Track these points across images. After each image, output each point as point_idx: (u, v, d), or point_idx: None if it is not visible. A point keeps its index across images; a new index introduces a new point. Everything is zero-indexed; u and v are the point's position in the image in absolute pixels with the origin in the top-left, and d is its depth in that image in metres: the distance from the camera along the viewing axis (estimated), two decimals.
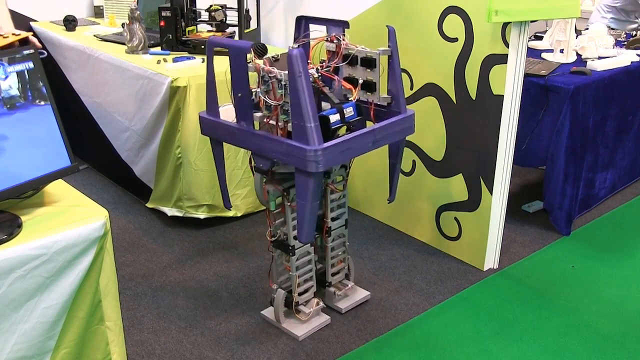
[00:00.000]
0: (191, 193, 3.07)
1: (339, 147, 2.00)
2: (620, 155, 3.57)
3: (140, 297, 2.67)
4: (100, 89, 3.41)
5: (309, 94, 1.93)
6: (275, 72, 2.06)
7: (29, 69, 1.60)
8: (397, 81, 2.22)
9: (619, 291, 2.79)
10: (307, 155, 1.93)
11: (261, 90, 2.12)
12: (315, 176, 1.98)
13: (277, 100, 2.09)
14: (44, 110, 1.63)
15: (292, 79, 1.92)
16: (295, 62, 1.90)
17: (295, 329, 2.43)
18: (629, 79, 3.40)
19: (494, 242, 2.89)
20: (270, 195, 2.28)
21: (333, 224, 2.46)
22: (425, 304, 2.66)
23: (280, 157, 2.06)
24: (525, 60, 2.75)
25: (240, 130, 2.16)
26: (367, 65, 2.22)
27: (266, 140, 2.09)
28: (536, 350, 2.40)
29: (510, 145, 2.76)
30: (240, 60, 2.08)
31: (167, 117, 2.97)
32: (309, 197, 2.01)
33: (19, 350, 1.54)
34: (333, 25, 2.32)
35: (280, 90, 2.06)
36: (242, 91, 2.11)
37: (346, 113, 2.13)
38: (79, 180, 3.66)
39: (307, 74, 1.93)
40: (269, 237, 2.39)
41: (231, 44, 2.11)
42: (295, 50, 1.90)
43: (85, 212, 1.65)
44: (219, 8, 3.29)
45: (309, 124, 1.92)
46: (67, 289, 1.59)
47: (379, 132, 2.13)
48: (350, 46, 2.25)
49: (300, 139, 1.96)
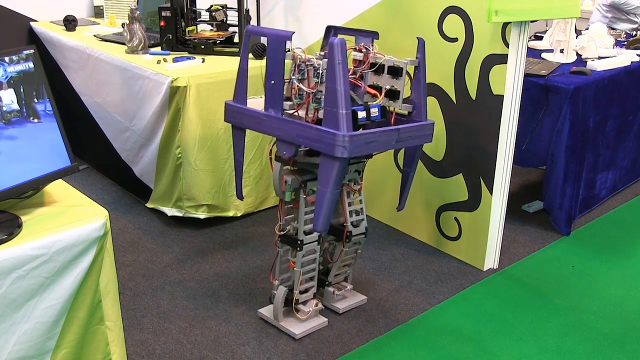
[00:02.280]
0: (191, 193, 3.07)
1: (365, 137, 2.05)
2: (621, 155, 3.57)
3: (140, 297, 2.67)
4: (101, 89, 3.41)
5: (345, 82, 1.98)
6: (314, 60, 2.16)
7: (29, 69, 1.60)
8: (421, 91, 2.27)
9: (619, 291, 2.79)
10: (336, 139, 1.98)
11: (296, 78, 2.20)
12: (341, 162, 2.02)
13: (312, 88, 2.17)
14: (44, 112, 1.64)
15: (331, 66, 1.98)
16: (336, 50, 1.96)
17: (293, 327, 2.43)
18: (629, 79, 3.41)
19: (494, 242, 2.89)
20: (288, 185, 2.30)
21: (354, 230, 2.45)
22: (425, 304, 2.66)
23: (308, 143, 2.09)
24: (525, 60, 2.76)
25: (268, 117, 2.21)
26: (393, 74, 2.27)
27: (295, 125, 2.13)
28: (536, 350, 2.40)
29: (510, 145, 2.76)
30: (279, 48, 2.14)
31: (167, 117, 2.97)
32: (332, 183, 2.04)
33: (19, 350, 1.54)
34: (362, 35, 2.39)
35: (315, 78, 2.16)
36: (275, 78, 2.16)
37: (372, 112, 2.19)
38: (79, 180, 3.66)
39: (346, 62, 1.98)
40: (278, 231, 2.39)
41: (271, 32, 2.19)
42: (337, 39, 1.96)
43: (85, 212, 1.65)
44: (219, 8, 3.29)
45: (342, 110, 1.98)
46: (67, 289, 1.59)
47: (403, 132, 2.19)
48: (378, 55, 2.31)
49: (330, 124, 2.01)
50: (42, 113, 1.64)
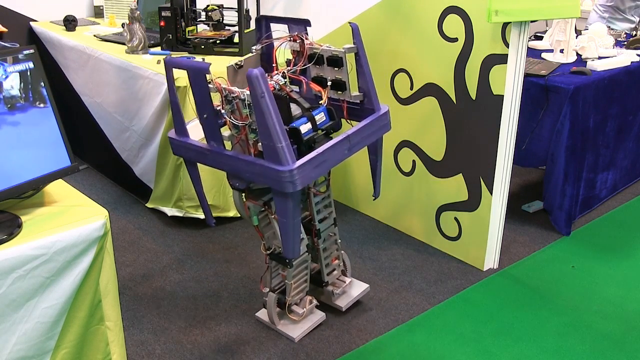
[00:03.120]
0: (191, 193, 3.07)
1: (313, 162, 1.93)
2: (621, 155, 3.57)
3: (140, 297, 2.67)
4: (101, 89, 3.41)
5: (275, 113, 1.85)
6: (237, 92, 1.97)
7: (29, 69, 1.60)
8: (366, 78, 2.15)
9: (619, 291, 2.79)
10: (282, 176, 1.87)
11: (226, 111, 2.04)
12: (293, 195, 1.93)
13: (244, 120, 2.01)
14: (44, 111, 1.64)
15: (255, 100, 1.85)
16: (256, 83, 1.82)
17: (290, 331, 2.42)
18: (629, 79, 3.40)
19: (494, 242, 2.89)
20: (252, 211, 2.23)
21: (321, 225, 2.40)
22: (425, 304, 2.66)
23: (255, 178, 1.99)
24: (525, 60, 2.75)
25: (211, 152, 2.08)
26: (335, 64, 2.16)
27: (238, 161, 2.01)
28: (536, 350, 2.40)
29: (510, 145, 2.76)
30: (201, 81, 1.98)
31: (167, 117, 2.97)
32: (290, 215, 1.96)
33: (19, 350, 1.54)
34: (294, 24, 2.24)
35: (246, 109, 1.98)
36: (206, 112, 2.02)
37: (317, 119, 2.06)
38: (79, 180, 3.66)
39: (270, 93, 1.85)
40: (264, 251, 2.34)
41: (189, 65, 2.02)
42: (255, 71, 1.82)
43: (85, 212, 1.65)
44: (215, 8, 3.29)
45: (279, 144, 1.85)
46: (67, 289, 1.59)
47: (354, 137, 2.07)
48: (315, 45, 2.18)
49: (272, 159, 1.89)
50: (42, 113, 1.64)
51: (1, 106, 1.54)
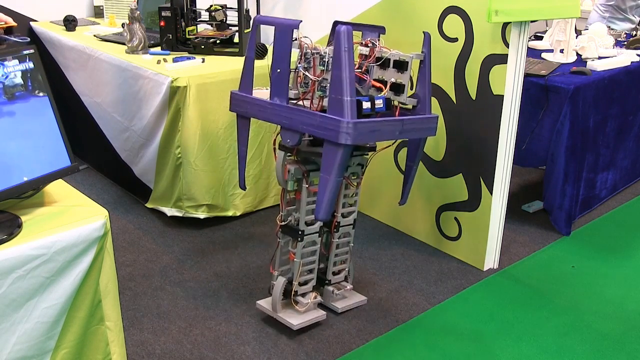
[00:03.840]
0: (191, 193, 3.07)
1: (369, 125, 2.06)
2: (621, 155, 3.57)
3: (140, 297, 2.67)
4: (100, 89, 3.41)
5: (351, 70, 1.98)
6: (319, 48, 2.17)
7: (29, 69, 1.60)
8: (426, 85, 2.28)
9: (619, 291, 2.79)
10: (340, 126, 1.98)
11: (302, 66, 2.22)
12: (344, 149, 2.02)
13: (317, 76, 2.20)
14: (43, 111, 1.64)
15: (337, 53, 1.98)
16: (342, 37, 1.96)
17: (290, 318, 2.43)
18: (629, 79, 3.41)
19: (494, 242, 2.89)
20: (291, 174, 2.31)
21: (342, 221, 2.47)
22: (425, 304, 2.66)
23: (312, 130, 2.10)
24: (525, 60, 2.76)
25: (272, 105, 2.22)
26: (399, 68, 2.28)
27: (299, 113, 2.14)
28: (536, 350, 2.40)
29: (510, 145, 2.76)
30: (286, 36, 2.15)
31: (167, 117, 2.97)
32: (335, 170, 2.04)
33: (19, 350, 1.54)
34: (369, 30, 2.40)
35: (322, 66, 2.17)
36: (281, 67, 2.16)
37: (376, 104, 2.19)
38: (79, 180, 3.66)
39: (352, 50, 1.99)
40: (279, 221, 2.40)
41: (278, 21, 2.20)
42: (343, 27, 1.96)
43: (85, 212, 1.65)
44: (219, 8, 3.29)
45: (346, 97, 1.98)
46: (67, 289, 1.59)
47: (407, 123, 2.19)
48: (384, 49, 2.30)
49: (335, 111, 2.01)
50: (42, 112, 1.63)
51: (1, 104, 1.54)
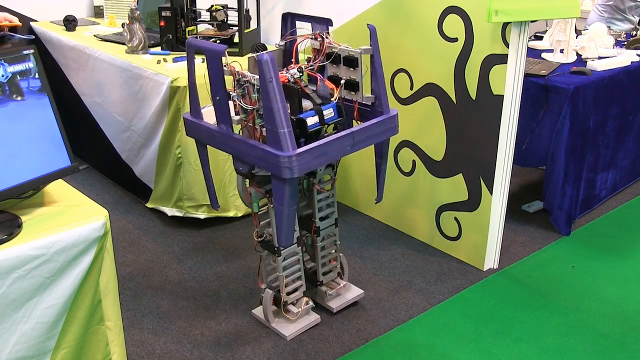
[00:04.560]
0: (191, 193, 3.07)
1: (313, 152, 1.98)
2: (621, 155, 3.57)
3: (140, 297, 2.67)
4: (101, 89, 3.41)
5: (281, 99, 1.91)
6: (249, 76, 2.05)
7: (29, 69, 1.60)
8: (379, 81, 2.19)
9: (619, 291, 2.79)
10: (280, 161, 1.92)
11: (237, 94, 2.11)
12: (290, 182, 1.97)
13: (252, 104, 2.08)
14: (44, 111, 1.64)
15: (263, 84, 1.91)
16: (265, 68, 1.88)
17: (283, 329, 2.43)
18: (629, 79, 3.40)
19: (494, 242, 2.89)
20: (253, 197, 2.29)
21: (322, 224, 2.44)
22: (425, 304, 2.66)
23: (256, 162, 2.05)
24: (525, 60, 2.75)
25: (219, 134, 2.15)
26: (350, 65, 2.20)
27: (243, 144, 2.08)
28: (536, 350, 2.40)
29: (510, 145, 2.76)
30: (216, 63, 2.05)
31: (167, 117, 2.97)
32: (285, 202, 2.00)
33: (19, 350, 1.54)
34: (317, 22, 2.30)
35: (255, 94, 2.05)
36: (219, 94, 2.09)
37: (326, 114, 2.10)
38: (79, 180, 3.66)
39: (278, 79, 1.91)
40: (256, 238, 2.39)
41: (207, 46, 2.09)
42: (265, 56, 1.88)
43: (85, 212, 1.65)
44: (220, 8, 3.29)
45: (281, 130, 1.91)
46: (67, 289, 1.59)
47: (358, 134, 2.10)
48: (334, 44, 2.23)
49: (274, 144, 1.95)
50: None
51: (1, 106, 1.54)
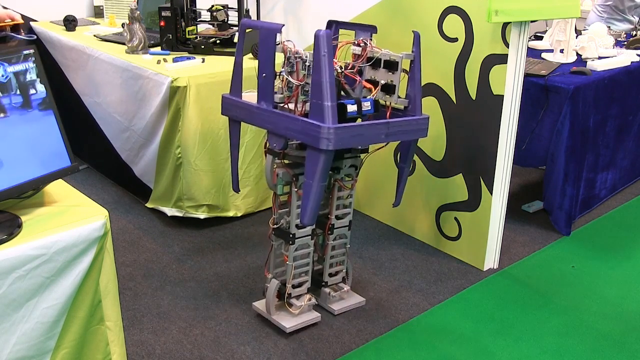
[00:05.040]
0: (191, 193, 3.07)
1: (351, 130, 2.05)
2: (621, 155, 3.57)
3: (140, 297, 2.67)
4: (100, 89, 3.41)
5: (330, 74, 1.98)
6: (301, 52, 2.17)
7: (29, 69, 1.60)
8: (416, 86, 2.26)
9: (619, 291, 2.79)
10: (320, 132, 1.98)
11: (285, 70, 2.21)
12: (326, 154, 2.01)
13: (300, 80, 2.19)
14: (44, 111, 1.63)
15: (316, 57, 1.98)
16: (321, 42, 1.97)
17: (284, 321, 2.43)
18: (629, 79, 3.41)
19: (494, 242, 2.89)
20: (279, 178, 2.31)
21: (337, 223, 2.47)
22: (425, 304, 2.66)
23: (295, 135, 2.11)
24: (525, 60, 2.76)
25: (259, 109, 2.23)
26: (389, 68, 2.27)
27: (283, 118, 2.15)
28: (536, 350, 2.40)
29: (510, 145, 2.76)
30: (270, 40, 2.15)
31: (167, 117, 2.97)
32: (318, 175, 2.04)
33: (19, 350, 1.54)
34: (361, 30, 2.39)
35: (304, 71, 2.17)
36: (266, 71, 2.17)
37: (364, 106, 2.18)
38: (79, 180, 3.66)
39: (331, 55, 1.99)
40: (272, 224, 2.41)
41: (262, 25, 2.20)
42: (322, 31, 1.97)
43: (85, 212, 1.65)
44: (220, 8, 3.29)
45: (326, 102, 1.98)
46: (67, 289, 1.59)
47: (393, 126, 2.18)
48: (375, 49, 2.30)
49: (316, 116, 2.02)
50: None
51: (1, 106, 1.54)
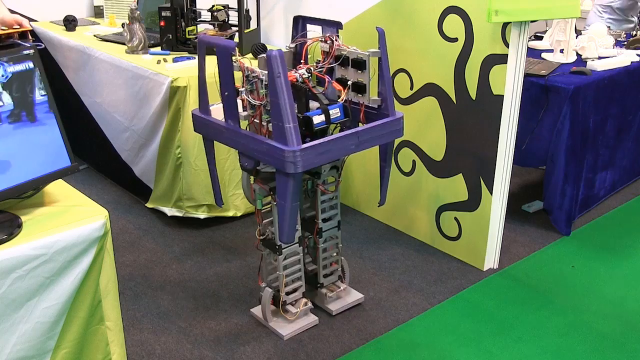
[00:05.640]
0: (191, 193, 3.07)
1: (317, 148, 1.99)
2: (620, 154, 3.57)
3: (140, 297, 2.67)
4: (101, 89, 3.41)
5: (288, 95, 1.93)
6: (258, 71, 2.08)
7: (29, 69, 1.60)
8: (386, 84, 2.20)
9: (619, 291, 2.79)
10: (285, 155, 1.94)
11: (245, 90, 2.14)
12: (294, 177, 1.98)
13: (260, 100, 2.11)
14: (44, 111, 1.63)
15: (271, 79, 1.94)
16: (274, 63, 1.91)
17: (281, 328, 2.43)
18: (629, 79, 3.40)
19: (494, 242, 2.89)
20: (257, 194, 2.31)
21: (324, 225, 2.44)
22: (425, 304, 2.66)
23: (262, 157, 2.08)
24: (525, 60, 2.75)
25: (227, 129, 2.19)
26: (358, 67, 2.22)
27: (249, 139, 2.10)
28: (536, 350, 2.40)
29: (510, 145, 2.76)
30: (226, 58, 2.08)
31: (167, 117, 2.97)
32: (289, 197, 2.02)
33: (19, 350, 1.54)
34: (327, 25, 2.33)
35: (263, 90, 2.08)
36: (228, 90, 2.12)
37: (332, 114, 2.13)
38: (79, 180, 3.66)
39: (286, 74, 1.94)
40: (258, 236, 2.41)
41: (218, 42, 2.12)
42: (274, 52, 1.91)
43: (85, 212, 1.65)
44: (221, 8, 3.29)
45: (287, 125, 1.93)
46: (67, 289, 1.59)
47: (363, 134, 2.12)
48: (343, 47, 2.25)
49: (279, 139, 1.97)
50: (42, 113, 1.63)
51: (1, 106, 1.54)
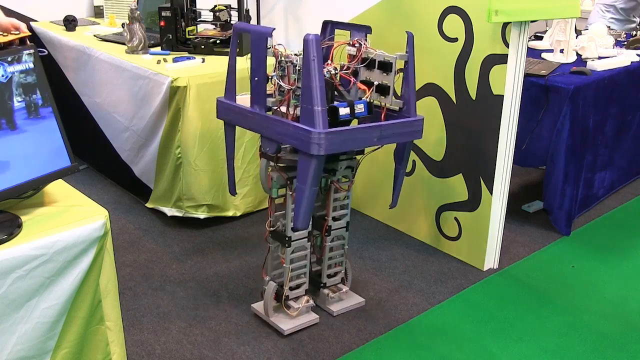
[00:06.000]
0: (191, 193, 3.07)
1: (342, 134, 2.06)
2: (619, 154, 3.58)
3: (140, 297, 2.67)
4: (100, 89, 3.41)
5: (320, 79, 1.99)
6: (292, 56, 2.17)
7: (29, 69, 1.60)
8: (410, 87, 2.26)
9: (619, 291, 2.79)
10: (311, 137, 1.99)
11: (277, 74, 2.23)
12: (317, 159, 2.02)
13: (291, 84, 2.20)
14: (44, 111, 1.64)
15: (306, 62, 1.99)
16: (310, 46, 1.97)
17: (281, 323, 2.43)
18: (629, 79, 3.41)
19: (494, 242, 2.89)
20: (274, 182, 2.32)
21: (334, 224, 2.47)
22: (425, 304, 2.66)
23: (286, 140, 2.12)
24: (525, 60, 2.76)
25: (252, 113, 2.24)
26: (384, 69, 2.27)
27: (274, 122, 2.16)
28: (536, 350, 2.40)
29: (510, 145, 2.76)
30: (261, 44, 2.15)
31: (167, 117, 2.97)
32: (309, 180, 2.05)
33: (19, 350, 1.54)
34: (356, 30, 2.39)
35: (295, 75, 2.17)
36: (258, 75, 2.18)
37: (357, 109, 2.18)
38: (79, 180, 3.66)
39: (321, 59, 2.00)
40: (268, 227, 2.42)
41: (254, 28, 2.22)
42: (311, 35, 1.97)
43: (85, 212, 1.65)
44: (223, 8, 3.29)
45: (316, 107, 1.99)
46: (67, 289, 1.59)
47: (386, 129, 2.18)
48: (370, 50, 2.30)
49: (306, 121, 2.02)
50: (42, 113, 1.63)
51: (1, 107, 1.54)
